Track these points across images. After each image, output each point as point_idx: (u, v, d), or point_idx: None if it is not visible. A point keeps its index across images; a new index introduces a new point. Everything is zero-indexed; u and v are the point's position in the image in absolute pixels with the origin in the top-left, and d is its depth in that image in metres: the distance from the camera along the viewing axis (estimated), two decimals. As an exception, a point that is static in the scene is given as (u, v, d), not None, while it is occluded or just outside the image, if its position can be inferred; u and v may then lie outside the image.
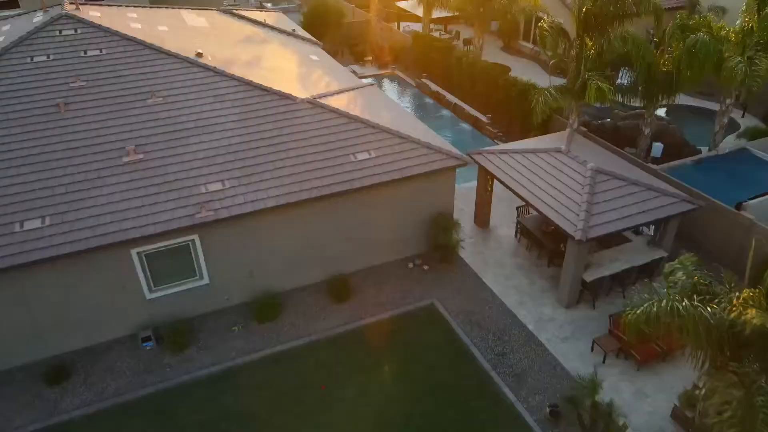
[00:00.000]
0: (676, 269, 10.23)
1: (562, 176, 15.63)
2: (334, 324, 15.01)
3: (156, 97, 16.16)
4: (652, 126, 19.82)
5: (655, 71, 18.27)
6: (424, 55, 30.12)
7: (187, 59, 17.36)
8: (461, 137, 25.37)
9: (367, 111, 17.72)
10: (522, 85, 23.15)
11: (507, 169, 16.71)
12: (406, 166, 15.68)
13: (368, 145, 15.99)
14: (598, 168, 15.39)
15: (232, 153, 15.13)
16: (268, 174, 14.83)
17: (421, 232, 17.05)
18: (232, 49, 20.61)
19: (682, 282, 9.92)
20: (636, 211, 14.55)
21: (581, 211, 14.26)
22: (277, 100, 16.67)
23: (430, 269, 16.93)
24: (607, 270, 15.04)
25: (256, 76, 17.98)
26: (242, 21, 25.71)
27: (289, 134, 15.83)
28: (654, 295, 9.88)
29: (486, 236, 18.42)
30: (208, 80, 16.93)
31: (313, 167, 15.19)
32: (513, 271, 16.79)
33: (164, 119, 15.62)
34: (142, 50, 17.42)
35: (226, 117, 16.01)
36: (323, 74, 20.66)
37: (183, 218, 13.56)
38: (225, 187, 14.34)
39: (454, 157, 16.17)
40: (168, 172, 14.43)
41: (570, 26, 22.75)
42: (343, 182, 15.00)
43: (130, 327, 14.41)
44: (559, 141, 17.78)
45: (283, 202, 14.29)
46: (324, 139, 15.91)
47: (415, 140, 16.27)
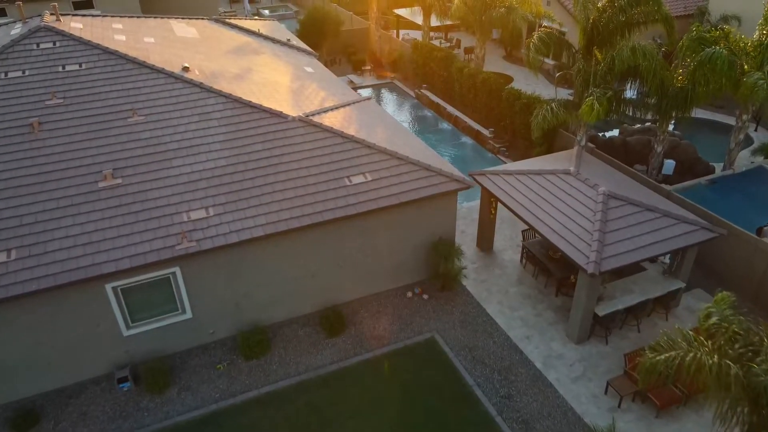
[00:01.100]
0: (711, 313, 9.13)
1: (572, 201, 14.58)
2: (326, 360, 13.94)
3: (137, 115, 15.13)
4: (665, 144, 18.78)
5: (668, 86, 17.24)
6: (424, 65, 29.13)
7: (172, 74, 16.33)
8: (462, 152, 24.36)
9: (364, 129, 16.69)
10: (526, 98, 22.12)
11: (512, 191, 15.66)
12: (404, 190, 14.63)
13: (364, 167, 14.95)
14: (610, 192, 14.35)
15: (218, 177, 14.09)
16: (255, 200, 13.78)
17: (421, 258, 16.01)
18: (221, 61, 19.60)
19: (715, 326, 8.81)
20: (652, 240, 13.49)
21: (593, 240, 13.21)
22: (267, 119, 15.63)
23: (430, 298, 15.88)
24: (620, 303, 13.98)
25: (245, 91, 16.97)
26: (234, 30, 24.74)
27: (279, 156, 14.79)
28: (677, 338, 8.76)
29: (489, 261, 17.36)
30: (193, 97, 15.89)
31: (305, 192, 14.15)
32: (518, 301, 15.72)
33: (145, 140, 14.58)
34: (125, 64, 16.38)
35: (212, 137, 14.97)
36: (318, 88, 19.64)
37: (162, 250, 12.50)
38: (209, 215, 13.29)
39: (456, 180, 15.12)
40: (147, 198, 13.38)
41: (574, 34, 21.92)
42: (336, 209, 13.95)
43: (105, 366, 13.34)
44: (567, 160, 16.76)
45: (271, 231, 13.24)
46: (317, 161, 14.88)
47: (414, 162, 15.23)
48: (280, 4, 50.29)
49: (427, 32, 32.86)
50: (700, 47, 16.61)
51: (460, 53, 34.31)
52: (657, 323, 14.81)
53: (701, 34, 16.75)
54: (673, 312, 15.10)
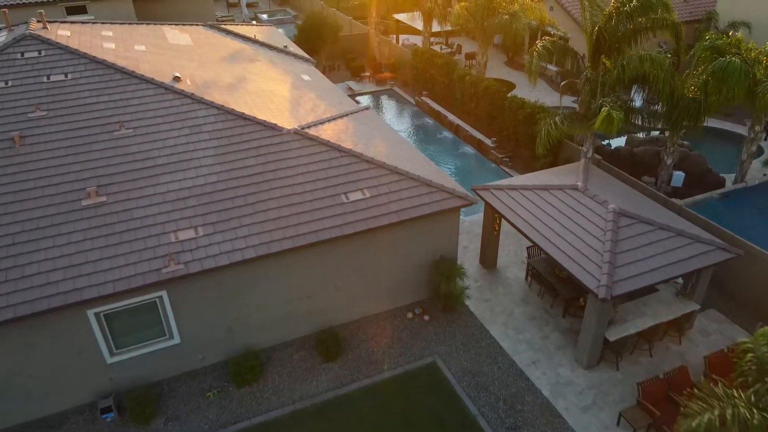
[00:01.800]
0: (748, 349, 8.38)
1: (580, 218, 13.88)
2: (322, 387, 13.23)
3: (124, 128, 14.44)
4: (675, 156, 18.08)
5: (678, 96, 16.56)
6: (424, 72, 28.46)
7: (162, 84, 15.64)
8: (464, 162, 23.68)
9: (362, 141, 16.00)
10: (530, 107, 21.44)
11: (517, 208, 14.96)
12: (404, 207, 13.93)
13: (362, 183, 14.25)
14: (620, 210, 13.65)
15: (208, 194, 13.38)
16: (248, 218, 13.08)
17: (422, 277, 15.30)
18: (215, 70, 18.92)
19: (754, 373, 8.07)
20: (666, 261, 12.78)
21: (604, 262, 12.50)
22: (261, 131, 14.94)
23: (431, 319, 15.16)
24: (632, 327, 13.26)
25: (239, 101, 16.29)
26: (230, 37, 24.08)
27: (273, 171, 14.09)
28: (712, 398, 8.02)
29: (493, 279, 16.65)
30: (184, 108, 15.20)
31: (300, 210, 13.44)
32: (524, 323, 15.00)
33: (133, 154, 13.88)
34: (113, 74, 15.69)
35: (203, 151, 14.28)
36: (314, 97, 18.96)
37: (148, 273, 11.79)
38: (198, 235, 12.58)
39: (458, 197, 14.42)
40: (133, 217, 12.68)
41: (578, 40, 21.23)
42: (333, 227, 13.25)
43: (88, 395, 12.62)
44: (574, 174, 16.07)
45: (263, 253, 12.53)
46: (312, 176, 14.18)
47: (415, 177, 14.53)
48: (279, 9, 49.73)
49: (427, 38, 32.21)
50: (712, 56, 15.92)
51: (461, 59, 33.72)
52: (670, 347, 14.10)
53: (715, 42, 16.04)
54: (686, 335, 14.39)
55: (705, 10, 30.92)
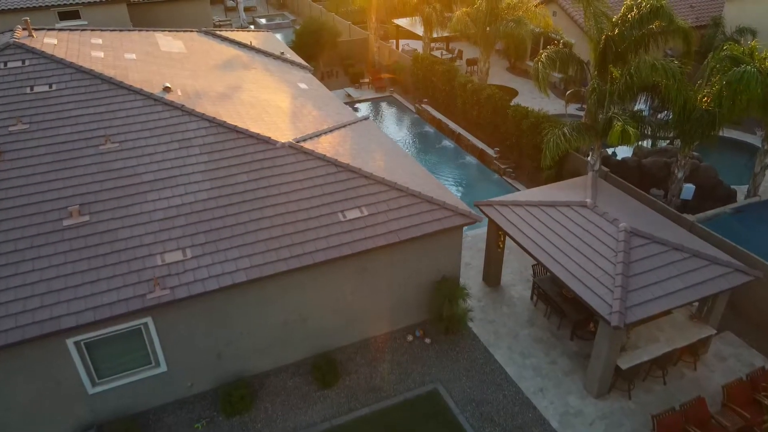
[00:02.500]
0: None
1: (590, 238, 13.18)
2: (317, 417, 12.51)
3: (110, 142, 13.75)
4: (686, 169, 17.39)
5: (691, 107, 15.87)
6: (425, 79, 27.78)
7: (150, 95, 14.95)
8: (466, 173, 22.98)
9: (360, 155, 15.31)
10: (534, 116, 20.75)
11: (522, 225, 14.26)
12: (404, 226, 13.23)
13: (360, 200, 13.55)
14: (632, 229, 12.95)
15: (197, 213, 12.68)
16: (239, 239, 12.37)
17: (422, 297, 14.59)
18: (208, 79, 18.24)
19: None
20: (682, 285, 12.07)
21: (616, 286, 11.79)
22: (254, 145, 14.24)
23: (432, 342, 14.45)
24: (645, 354, 12.55)
25: (231, 113, 15.60)
26: (225, 43, 23.41)
27: (266, 188, 13.39)
28: None
29: (497, 298, 15.94)
30: (173, 121, 14.51)
31: (294, 230, 12.74)
32: (530, 346, 14.29)
33: (118, 170, 13.19)
34: (100, 85, 15.01)
35: (193, 167, 13.58)
36: (311, 107, 18.27)
37: (132, 300, 11.08)
38: (186, 257, 11.87)
39: (461, 214, 13.72)
40: (117, 238, 11.97)
41: (582, 46, 20.51)
42: (329, 248, 12.54)
43: (69, 428, 11.89)
44: (582, 189, 15.38)
45: (255, 276, 11.82)
46: (307, 193, 13.48)
47: (415, 193, 13.83)
48: (277, 13, 49.09)
49: (427, 43, 31.55)
50: (728, 66, 15.23)
51: (462, 65, 33.06)
52: (685, 373, 13.39)
53: (731, 52, 15.34)
54: (701, 359, 13.68)
55: (711, 16, 30.28)
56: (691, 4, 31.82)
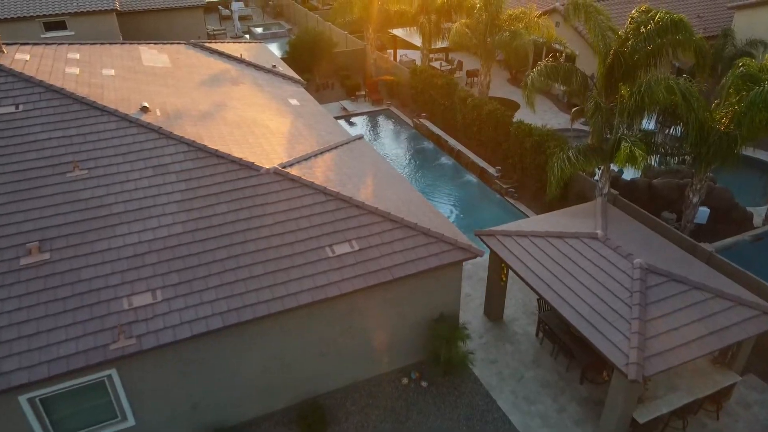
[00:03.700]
0: None
1: (601, 275, 12.03)
2: (302, 475, 11.34)
3: (79, 169, 12.62)
4: (702, 193, 16.25)
5: (708, 129, 14.75)
6: (423, 92, 26.69)
7: (126, 117, 13.83)
8: (465, 192, 21.85)
9: (352, 181, 14.19)
10: (538, 134, 19.64)
11: (526, 258, 13.12)
12: (398, 262, 12.08)
13: (350, 233, 12.41)
14: (648, 266, 11.79)
15: (171, 248, 11.54)
16: (216, 278, 11.22)
17: (419, 336, 13.43)
18: (192, 96, 17.14)
19: None
20: (705, 331, 10.91)
21: (632, 333, 10.63)
22: (236, 171, 13.12)
23: (429, 385, 13.28)
24: (665, 405, 11.37)
25: (214, 134, 14.49)
26: (213, 56, 22.34)
27: (247, 220, 12.26)
28: None
29: (499, 334, 14.77)
30: (149, 145, 13.39)
31: (277, 267, 11.59)
32: (536, 390, 13.11)
33: (85, 201, 12.05)
34: (71, 105, 13.89)
35: (168, 196, 12.45)
36: (301, 126, 17.17)
37: (92, 351, 9.92)
38: (156, 300, 10.72)
39: (460, 248, 12.58)
40: (81, 278, 10.82)
41: (587, 58, 19.53)
42: (315, 289, 11.39)
43: (25, 489, 10.71)
44: (590, 216, 14.25)
45: (232, 322, 10.67)
46: (293, 225, 12.34)
47: (411, 225, 12.68)
48: (274, 22, 48.10)
49: (426, 54, 30.52)
50: (746, 85, 14.13)
51: (462, 76, 32.02)
52: (707, 424, 12.21)
53: (748, 69, 14.24)
54: (724, 408, 12.49)
55: (720, 27, 29.22)
56: (698, 14, 30.80)
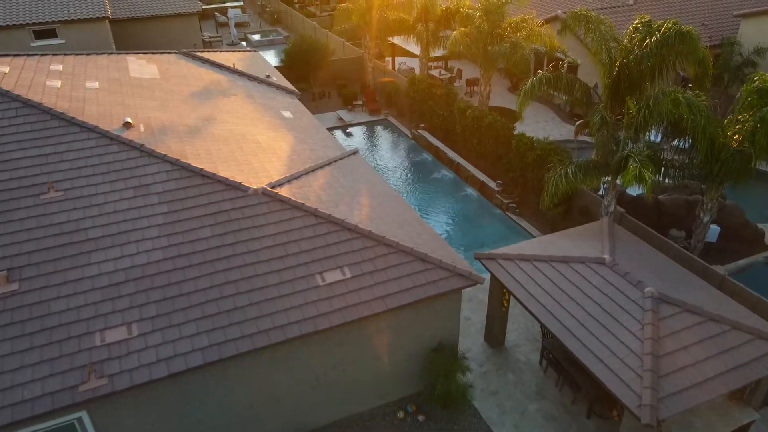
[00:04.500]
0: None
1: (609, 305, 11.28)
2: None
3: (54, 190, 11.89)
4: (713, 213, 15.52)
5: (720, 146, 14.03)
6: (422, 102, 25.98)
7: (106, 133, 13.11)
8: (465, 207, 21.11)
9: (345, 201, 13.45)
10: (540, 148, 18.90)
11: (530, 285, 12.36)
12: (393, 291, 11.32)
13: (342, 259, 11.66)
14: (660, 295, 11.04)
15: (150, 277, 10.79)
16: (197, 310, 10.47)
17: (416, 367, 12.68)
18: (179, 110, 16.43)
19: None
20: (723, 367, 10.15)
21: (645, 370, 9.87)
22: (222, 192, 12.38)
23: (427, 419, 12.50)
24: (679, 447, 10.62)
25: (200, 152, 13.76)
26: (205, 66, 21.67)
27: (232, 245, 11.50)
28: None
29: (501, 362, 14.00)
30: (130, 163, 12.66)
31: (263, 297, 10.83)
32: (540, 425, 12.34)
33: (60, 225, 11.31)
34: (48, 122, 13.17)
35: (149, 219, 11.70)
36: (293, 141, 16.44)
37: (60, 393, 9.16)
38: (131, 335, 9.96)
39: (459, 275, 11.82)
40: (50, 311, 10.07)
41: (588, 66, 18.86)
42: (303, 321, 10.63)
43: None
44: (596, 238, 13.51)
45: (214, 359, 9.91)
46: (281, 250, 11.58)
47: (407, 250, 11.93)
48: (271, 29, 47.48)
49: (425, 63, 29.84)
50: (761, 100, 13.43)
51: (462, 85, 31.35)
52: (723, 464, 11.41)
53: (763, 84, 13.53)
54: (742, 446, 11.72)
55: (725, 36, 28.56)
56: (703, 22, 30.12)
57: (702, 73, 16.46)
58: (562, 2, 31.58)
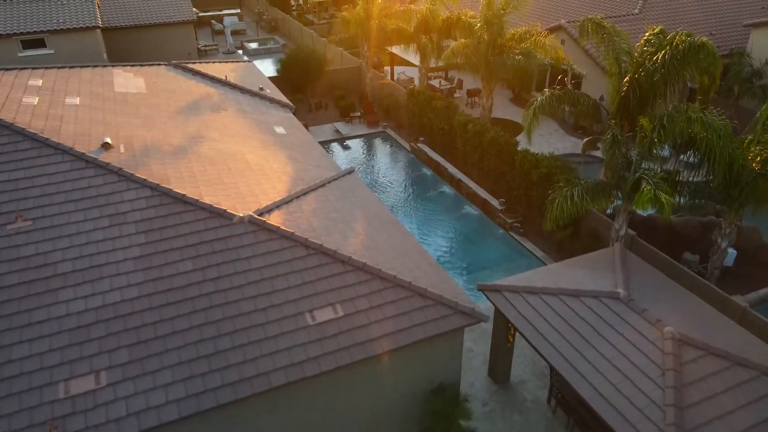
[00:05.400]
0: None
1: (625, 346, 10.34)
2: None
3: (22, 219, 10.97)
4: (732, 238, 14.60)
5: (739, 168, 13.13)
6: (421, 115, 25.09)
7: (82, 156, 12.20)
8: (466, 226, 20.18)
9: (338, 228, 12.52)
10: (546, 165, 17.98)
11: (537, 321, 11.42)
12: (389, 331, 10.39)
13: (334, 295, 10.71)
14: (681, 336, 10.11)
15: (122, 317, 9.85)
16: (173, 355, 9.53)
17: (414, 408, 11.70)
18: (164, 127, 15.55)
19: None
20: (754, 419, 9.21)
21: (667, 425, 8.93)
22: (205, 220, 11.45)
23: (426, 467, 11.54)
24: (704, 506, 9.63)
25: (184, 174, 12.86)
26: (196, 78, 20.82)
27: (215, 280, 10.57)
28: None
29: (505, 400, 13.05)
30: (107, 189, 11.74)
31: (248, 339, 9.89)
32: (549, 474, 11.39)
33: (27, 259, 10.39)
34: (20, 143, 12.27)
35: (124, 251, 10.78)
36: (285, 160, 15.54)
37: (16, 454, 8.23)
38: (99, 385, 9.02)
39: (461, 312, 10.88)
40: (11, 358, 9.13)
41: (596, 79, 18.14)
42: (290, 366, 9.69)
43: None
44: (608, 267, 12.60)
45: (191, 412, 8.96)
46: (268, 285, 10.65)
47: (404, 284, 10.99)
48: (268, 37, 46.69)
49: (424, 73, 28.99)
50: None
51: (462, 95, 30.49)
52: None
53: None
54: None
55: (734, 45, 27.72)
56: (710, 32, 29.27)
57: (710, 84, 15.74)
58: (565, 11, 30.75)
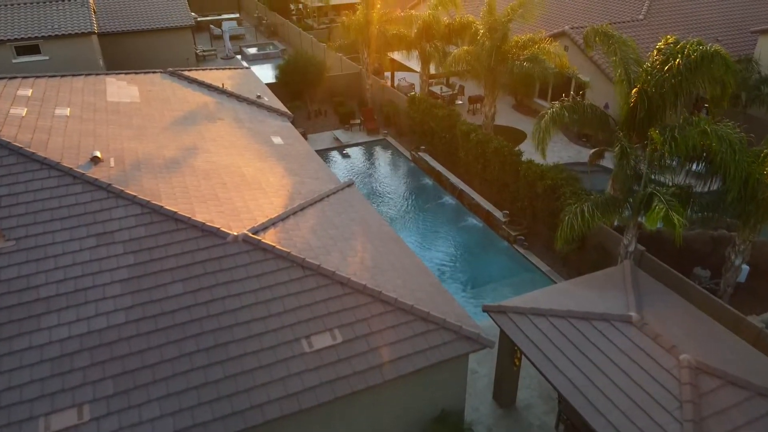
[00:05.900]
0: None
1: (639, 374, 9.79)
2: None
3: (5, 240, 10.47)
4: (746, 255, 14.07)
5: (754, 183, 12.62)
6: (422, 123, 24.59)
7: (70, 171, 11.71)
8: (469, 239, 19.65)
9: (337, 246, 12.00)
10: (551, 177, 17.47)
11: (545, 345, 10.87)
12: (390, 358, 9.86)
13: (332, 320, 10.19)
14: (698, 364, 9.57)
15: (108, 345, 9.33)
16: (161, 386, 9.00)
17: (416, 436, 11.19)
18: (158, 139, 15.06)
19: None
20: (776, 457, 8.68)
21: (686, 462, 8.39)
22: (197, 240, 10.94)
23: (429, 498, 10.99)
24: None
25: (176, 189, 12.35)
26: (192, 86, 20.34)
27: (207, 304, 10.05)
28: None
29: (512, 425, 12.50)
30: (94, 206, 11.24)
31: (240, 368, 9.37)
32: (558, 507, 10.84)
33: (8, 282, 9.88)
34: (5, 157, 11.79)
35: (112, 273, 10.26)
36: (282, 173, 15.03)
37: (-9, 497, 7.70)
38: (82, 420, 8.49)
39: (465, 337, 10.34)
40: (-12, 390, 8.62)
41: (600, 86, 17.58)
42: (285, 397, 9.16)
43: None
44: (619, 287, 12.06)
45: (178, 448, 8.45)
46: (263, 309, 10.13)
47: (406, 308, 10.47)
48: (267, 41, 46.24)
49: (425, 79, 28.50)
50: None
51: (464, 102, 30.02)
52: None
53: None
54: None
55: (741, 52, 27.23)
56: (716, 38, 28.80)
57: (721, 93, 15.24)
58: (568, 18, 30.29)
